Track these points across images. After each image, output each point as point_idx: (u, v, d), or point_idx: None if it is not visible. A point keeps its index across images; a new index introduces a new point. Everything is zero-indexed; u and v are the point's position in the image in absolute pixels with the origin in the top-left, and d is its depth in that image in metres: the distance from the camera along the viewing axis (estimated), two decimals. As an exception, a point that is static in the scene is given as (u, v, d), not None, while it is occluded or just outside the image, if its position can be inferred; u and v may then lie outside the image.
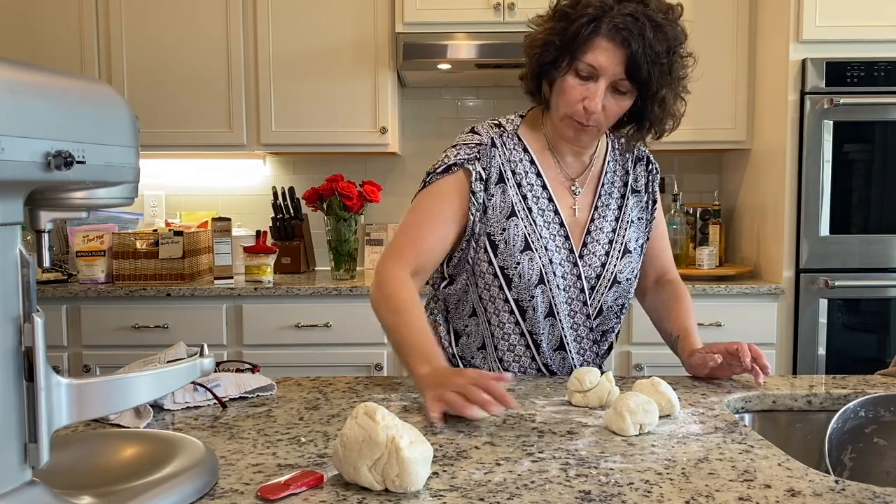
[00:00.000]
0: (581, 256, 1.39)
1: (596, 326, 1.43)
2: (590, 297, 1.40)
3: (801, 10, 2.66)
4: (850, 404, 1.15)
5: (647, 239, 1.49)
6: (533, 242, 1.36)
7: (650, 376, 1.19)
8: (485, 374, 1.10)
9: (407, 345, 1.24)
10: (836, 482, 0.86)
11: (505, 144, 1.39)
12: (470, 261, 1.39)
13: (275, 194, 3.13)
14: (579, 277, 1.39)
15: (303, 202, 3.00)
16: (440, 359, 1.21)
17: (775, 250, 2.81)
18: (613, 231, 1.42)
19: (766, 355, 1.30)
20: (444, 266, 1.43)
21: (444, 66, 2.94)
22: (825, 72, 2.66)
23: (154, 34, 2.97)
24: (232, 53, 2.97)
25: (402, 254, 1.35)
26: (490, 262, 1.37)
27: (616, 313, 1.45)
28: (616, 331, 1.48)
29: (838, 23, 2.66)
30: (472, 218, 1.36)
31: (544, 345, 1.40)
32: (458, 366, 1.45)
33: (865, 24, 2.66)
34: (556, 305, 1.38)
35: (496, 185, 1.37)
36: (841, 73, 2.66)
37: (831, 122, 2.67)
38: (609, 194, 1.44)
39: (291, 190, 3.15)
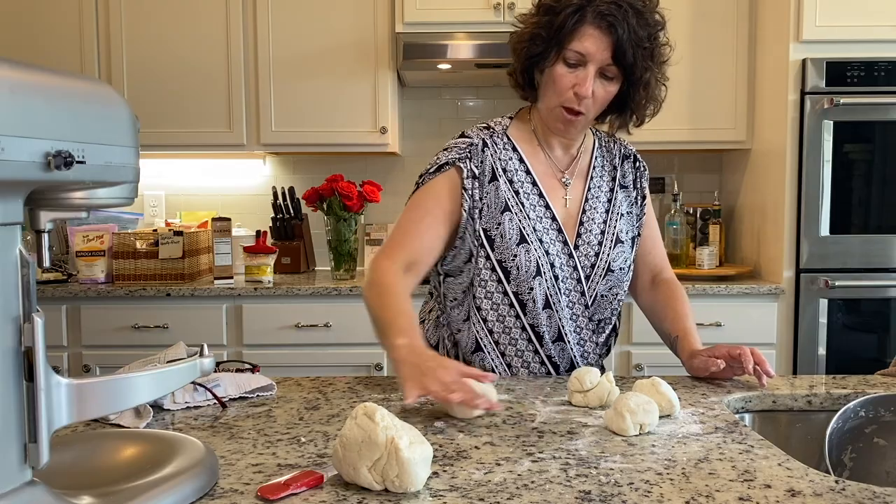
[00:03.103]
0: (576, 247, 1.42)
1: (593, 316, 1.45)
2: (587, 288, 1.42)
3: (801, 10, 2.66)
4: (850, 404, 1.15)
5: (639, 234, 1.51)
6: (528, 235, 1.38)
7: (650, 376, 1.19)
8: (467, 370, 1.11)
9: (385, 322, 1.25)
10: (836, 482, 0.86)
11: (495, 144, 1.43)
12: (465, 258, 1.41)
13: (275, 194, 3.13)
14: (575, 268, 1.41)
15: (303, 202, 3.00)
16: (418, 336, 1.22)
17: (775, 250, 2.81)
18: (605, 222, 1.45)
19: (766, 355, 1.30)
20: (440, 265, 1.46)
21: (443, 66, 2.95)
22: (825, 72, 2.66)
23: (154, 34, 2.97)
24: (232, 53, 2.97)
25: (394, 249, 1.38)
26: (487, 257, 1.39)
27: (611, 302, 1.46)
28: (612, 323, 1.49)
29: (838, 23, 2.66)
30: (464, 214, 1.39)
31: (546, 336, 1.41)
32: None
33: (865, 24, 2.66)
34: (552, 296, 1.39)
35: (490, 182, 1.40)
36: (841, 73, 2.66)
37: (831, 122, 2.67)
38: (598, 187, 1.48)
39: (291, 190, 3.15)
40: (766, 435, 1.18)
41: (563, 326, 1.41)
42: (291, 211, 3.14)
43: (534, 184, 1.42)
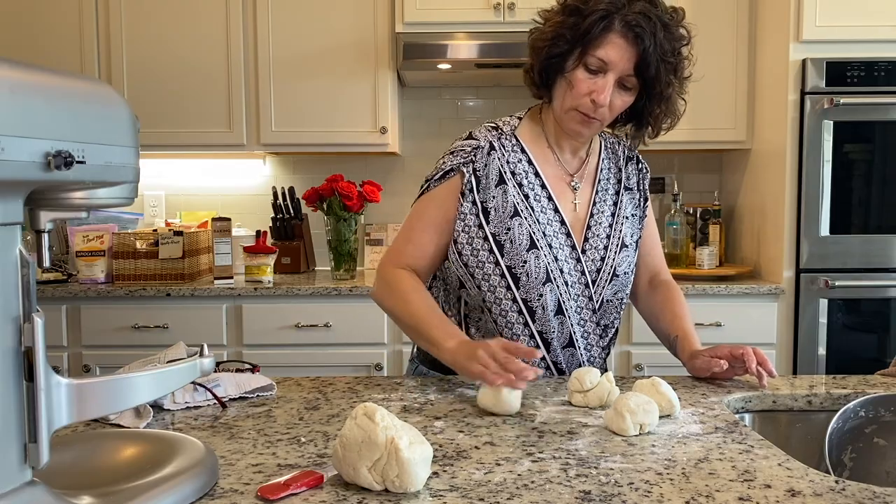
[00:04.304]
0: (584, 251, 1.41)
1: (599, 321, 1.44)
2: (593, 292, 1.41)
3: (801, 10, 2.66)
4: (850, 404, 1.15)
5: (640, 236, 1.51)
6: (538, 241, 1.37)
7: (650, 376, 1.19)
8: (508, 347, 1.17)
9: (425, 325, 1.30)
10: (836, 482, 0.86)
11: (504, 146, 1.41)
12: (479, 265, 1.39)
13: (275, 194, 3.13)
14: (583, 273, 1.40)
15: (303, 202, 3.00)
16: (459, 331, 1.26)
17: (775, 250, 2.81)
18: (611, 226, 1.45)
19: (766, 355, 1.30)
20: (459, 286, 1.45)
21: (444, 66, 2.94)
22: (825, 72, 2.66)
23: (154, 34, 2.97)
24: (232, 53, 2.97)
25: (399, 255, 1.41)
26: (497, 263, 1.37)
27: (616, 307, 1.46)
28: (616, 326, 1.49)
29: (838, 23, 2.66)
30: (457, 219, 1.39)
31: (555, 343, 1.40)
32: None
33: (865, 24, 2.66)
34: (563, 302, 1.38)
35: (496, 186, 1.38)
36: (841, 73, 2.66)
37: (831, 122, 2.67)
38: (605, 190, 1.47)
39: (291, 190, 3.15)
40: (766, 435, 1.18)
41: (574, 332, 1.41)
42: (291, 211, 3.14)
43: (543, 187, 1.40)
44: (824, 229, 2.70)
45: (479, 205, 1.38)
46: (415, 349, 1.54)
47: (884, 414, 1.16)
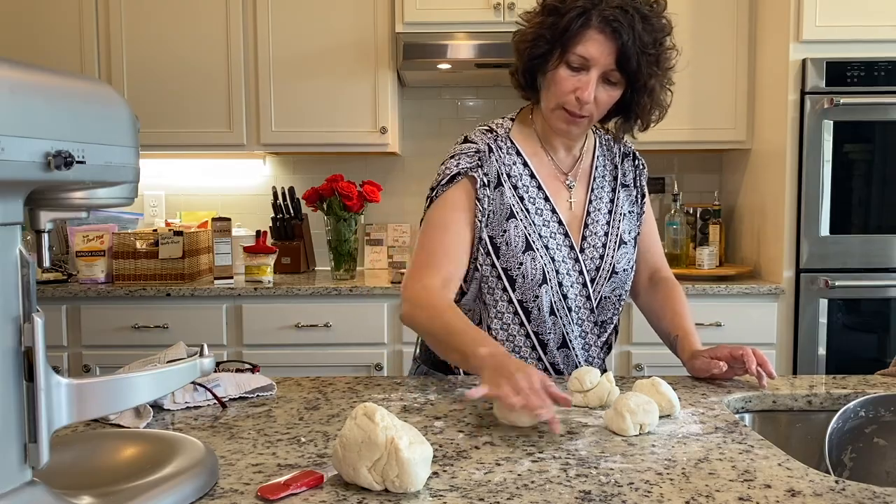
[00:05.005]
0: (582, 250, 1.41)
1: (597, 318, 1.44)
2: (592, 291, 1.41)
3: (801, 10, 2.66)
4: (850, 404, 1.15)
5: (639, 233, 1.51)
6: (533, 242, 1.37)
7: (650, 376, 1.19)
8: (548, 383, 1.06)
9: (458, 339, 1.20)
10: (836, 482, 0.86)
11: (500, 148, 1.41)
12: (477, 267, 1.39)
13: (275, 194, 3.13)
14: (581, 273, 1.40)
15: (303, 202, 3.00)
16: (498, 345, 1.18)
17: (775, 250, 2.81)
18: (608, 223, 1.44)
19: (766, 355, 1.30)
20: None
21: (443, 66, 2.95)
22: (825, 72, 2.66)
23: (154, 34, 2.97)
24: (232, 53, 2.97)
25: (425, 270, 1.33)
26: (493, 265, 1.37)
27: (614, 303, 1.46)
28: (615, 323, 1.49)
29: (838, 23, 2.66)
30: (478, 224, 1.37)
31: (550, 343, 1.40)
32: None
33: (865, 24, 2.66)
34: (557, 302, 1.38)
35: (495, 189, 1.38)
36: (841, 73, 2.66)
37: (831, 122, 2.67)
38: (601, 188, 1.47)
39: (291, 190, 3.15)
40: (766, 435, 1.18)
41: (567, 332, 1.41)
42: (291, 211, 3.15)
43: (539, 188, 1.40)
44: (824, 229, 2.70)
45: (485, 209, 1.38)
46: (417, 349, 1.54)
47: (884, 414, 1.16)
